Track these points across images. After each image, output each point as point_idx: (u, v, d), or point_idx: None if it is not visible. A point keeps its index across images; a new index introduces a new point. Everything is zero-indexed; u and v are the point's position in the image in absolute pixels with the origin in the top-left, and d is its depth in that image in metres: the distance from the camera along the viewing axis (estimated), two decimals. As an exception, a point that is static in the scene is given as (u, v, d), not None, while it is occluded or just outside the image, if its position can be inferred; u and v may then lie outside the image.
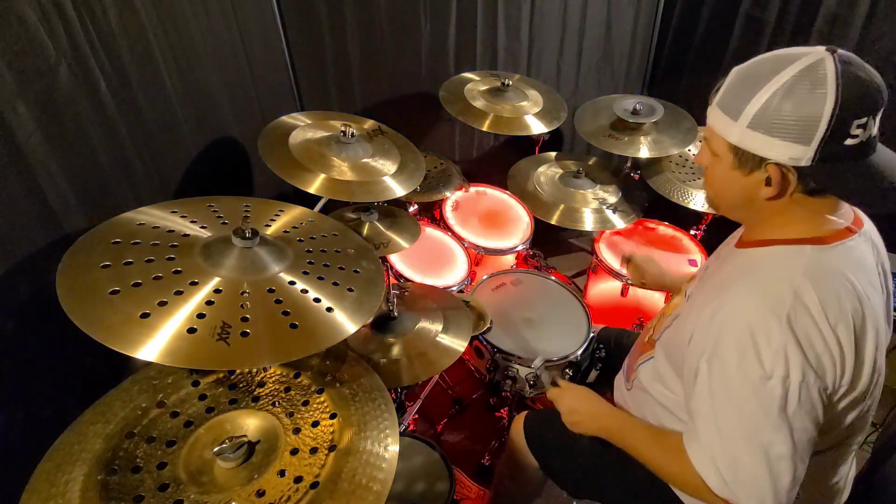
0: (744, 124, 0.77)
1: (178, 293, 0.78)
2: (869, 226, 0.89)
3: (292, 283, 0.88)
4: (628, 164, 2.12)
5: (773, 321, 0.75)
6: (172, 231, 0.91)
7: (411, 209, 2.02)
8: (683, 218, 2.04)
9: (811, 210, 0.81)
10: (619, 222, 1.90)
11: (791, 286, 0.76)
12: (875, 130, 0.74)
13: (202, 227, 0.94)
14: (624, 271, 1.67)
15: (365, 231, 1.47)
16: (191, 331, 0.74)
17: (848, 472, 0.98)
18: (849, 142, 0.72)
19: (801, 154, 0.74)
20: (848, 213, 0.85)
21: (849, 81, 0.70)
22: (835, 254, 0.81)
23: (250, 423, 0.87)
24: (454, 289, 1.78)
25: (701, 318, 0.84)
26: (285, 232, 1.03)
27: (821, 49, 0.74)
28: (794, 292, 0.76)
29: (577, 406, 1.13)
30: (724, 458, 0.80)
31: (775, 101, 0.74)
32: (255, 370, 0.95)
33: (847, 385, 0.79)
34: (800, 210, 0.82)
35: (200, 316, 0.76)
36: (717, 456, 0.81)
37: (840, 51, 0.73)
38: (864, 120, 0.72)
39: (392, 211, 1.60)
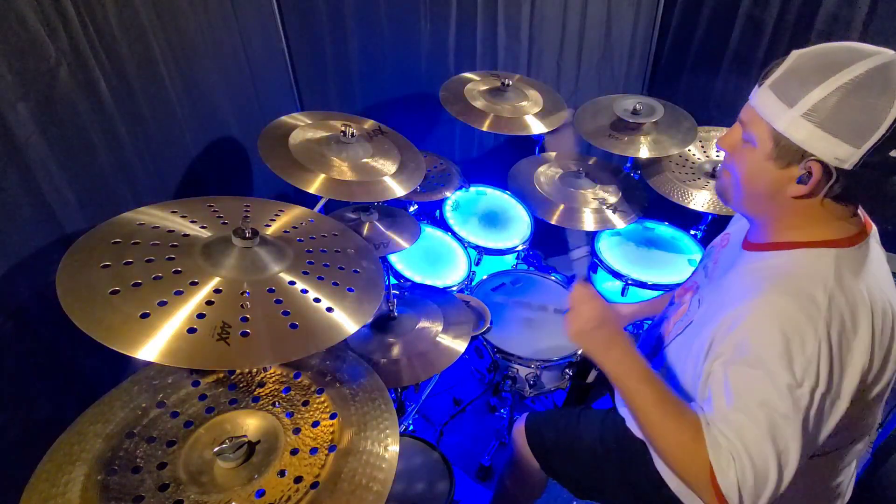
0: (798, 113, 0.72)
1: (178, 293, 0.78)
2: (874, 226, 0.88)
3: (292, 283, 0.88)
4: (628, 164, 2.12)
5: (808, 328, 0.72)
6: (172, 231, 0.91)
7: (411, 209, 2.02)
8: (683, 218, 2.04)
9: (831, 214, 0.80)
10: (619, 222, 1.90)
11: (826, 291, 0.74)
12: None
13: (202, 227, 0.94)
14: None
15: (365, 231, 1.47)
16: (191, 331, 0.74)
17: (852, 474, 0.97)
18: (894, 153, 0.70)
19: (849, 156, 0.71)
20: (859, 215, 0.84)
21: None
22: (858, 256, 0.79)
23: (250, 423, 0.87)
24: (454, 289, 1.78)
25: (722, 323, 0.81)
26: (285, 232, 1.03)
27: (891, 52, 0.71)
28: (829, 297, 0.74)
29: (592, 321, 0.92)
30: (743, 458, 0.75)
31: (839, 96, 0.70)
32: (255, 370, 0.95)
33: (868, 386, 0.77)
34: (820, 213, 0.80)
35: (200, 316, 0.76)
36: (738, 455, 0.75)
37: None
38: None
39: (392, 211, 1.60)
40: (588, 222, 1.89)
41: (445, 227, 2.00)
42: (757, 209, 0.88)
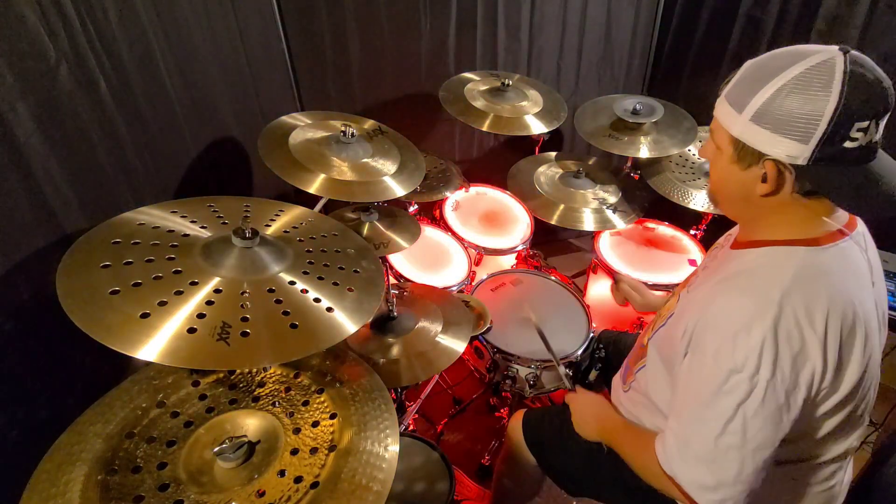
0: (747, 117, 0.76)
1: (178, 293, 0.78)
2: (862, 227, 0.89)
3: (292, 283, 0.88)
4: (628, 164, 2.12)
5: (756, 320, 0.75)
6: (172, 231, 0.91)
7: (411, 209, 2.02)
8: (683, 218, 2.04)
9: (806, 211, 0.81)
10: (619, 222, 1.90)
11: (780, 288, 0.76)
12: (878, 136, 0.74)
13: (202, 227, 0.94)
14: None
15: (365, 231, 1.47)
16: (191, 331, 0.74)
17: (844, 477, 0.97)
18: (848, 144, 0.72)
19: (799, 152, 0.74)
20: (843, 214, 0.85)
21: (855, 83, 0.69)
22: (827, 256, 0.80)
23: (250, 423, 0.87)
24: (454, 289, 1.78)
25: (693, 313, 0.85)
26: (285, 232, 1.03)
27: (834, 48, 0.73)
28: (783, 293, 0.76)
29: (585, 409, 1.18)
30: (677, 439, 0.84)
31: (780, 97, 0.73)
32: (255, 370, 0.95)
33: (828, 387, 0.78)
34: (795, 210, 0.81)
35: (200, 316, 0.76)
36: (672, 437, 0.85)
37: (853, 52, 0.72)
38: (865, 124, 0.70)
39: (392, 211, 1.60)
40: (588, 222, 1.89)
41: (445, 227, 2.01)
42: (737, 211, 0.91)
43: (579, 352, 1.53)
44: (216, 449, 0.78)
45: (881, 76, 0.72)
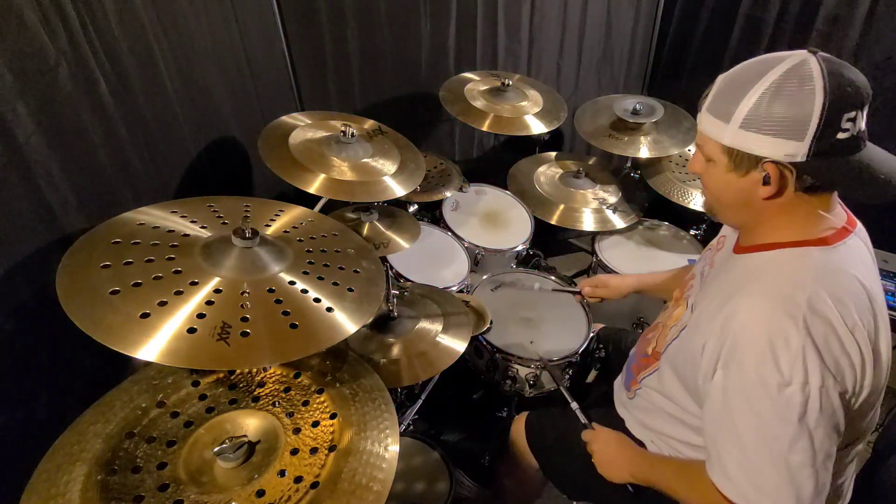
0: (735, 125, 0.78)
1: (178, 293, 0.78)
2: (860, 224, 0.89)
3: (292, 283, 0.88)
4: (628, 164, 2.12)
5: (790, 326, 0.74)
6: (172, 231, 0.91)
7: (411, 209, 2.02)
8: (683, 218, 2.04)
9: (809, 209, 0.81)
10: (619, 222, 1.90)
11: (804, 290, 0.76)
12: (863, 125, 0.76)
13: (202, 227, 0.94)
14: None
15: (365, 231, 1.48)
16: (191, 331, 0.74)
17: (851, 474, 0.97)
18: (840, 135, 0.74)
19: (796, 150, 0.75)
20: (841, 213, 0.85)
21: (835, 77, 0.73)
22: (839, 254, 0.81)
23: (250, 423, 0.87)
24: (454, 289, 1.78)
25: (712, 326, 0.83)
26: (285, 232, 1.03)
27: (802, 52, 0.76)
28: (809, 296, 0.75)
29: (610, 451, 1.11)
30: (744, 467, 0.78)
31: (765, 101, 0.75)
32: (255, 370, 0.95)
33: (869, 387, 0.78)
34: (798, 209, 0.82)
35: (200, 316, 0.76)
36: (736, 466, 0.79)
37: (820, 52, 0.75)
38: (852, 114, 0.73)
39: (392, 211, 1.60)
40: (588, 222, 1.89)
41: (445, 227, 2.00)
42: (740, 218, 0.91)
43: (579, 352, 1.53)
44: (216, 449, 0.78)
45: (854, 70, 0.75)
